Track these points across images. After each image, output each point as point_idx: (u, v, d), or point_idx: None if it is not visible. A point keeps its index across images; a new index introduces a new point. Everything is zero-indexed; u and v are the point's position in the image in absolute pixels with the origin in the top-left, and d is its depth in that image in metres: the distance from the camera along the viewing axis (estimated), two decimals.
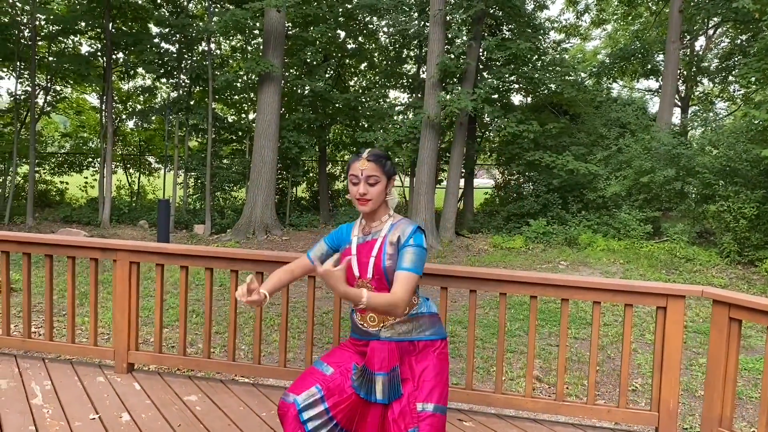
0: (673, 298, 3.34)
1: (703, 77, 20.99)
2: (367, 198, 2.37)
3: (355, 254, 2.42)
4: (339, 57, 19.22)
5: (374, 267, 2.36)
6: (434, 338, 2.44)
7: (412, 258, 2.30)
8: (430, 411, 2.32)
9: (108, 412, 3.48)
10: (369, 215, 2.46)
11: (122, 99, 18.50)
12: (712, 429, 3.26)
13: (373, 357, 2.38)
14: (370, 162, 2.37)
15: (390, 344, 2.38)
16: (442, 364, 2.44)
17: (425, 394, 2.34)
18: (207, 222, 15.30)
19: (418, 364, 2.40)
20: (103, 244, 4.10)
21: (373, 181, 2.36)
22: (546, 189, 15.98)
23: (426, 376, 2.38)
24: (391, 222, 2.43)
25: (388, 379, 2.35)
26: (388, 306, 2.21)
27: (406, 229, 2.38)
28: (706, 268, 11.75)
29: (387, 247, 2.36)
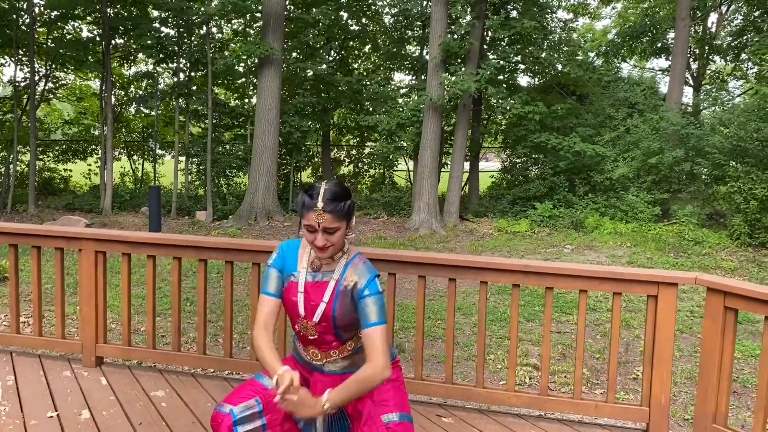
0: (664, 286, 3.11)
1: (714, 55, 20.46)
2: (327, 246, 2.16)
3: (302, 291, 2.24)
4: (342, 39, 18.92)
5: (323, 313, 2.21)
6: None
7: (375, 310, 2.15)
8: (397, 420, 2.18)
9: (68, 409, 3.31)
10: (328, 260, 2.27)
11: (123, 85, 18.32)
12: (705, 425, 3.05)
13: (316, 391, 2.25)
14: (326, 213, 2.11)
15: (334, 377, 2.28)
16: (399, 377, 2.36)
17: (388, 407, 2.21)
18: (209, 208, 15.16)
19: (376, 392, 2.26)
20: (67, 233, 3.92)
21: (332, 230, 2.14)
22: (552, 171, 15.66)
23: (383, 392, 2.25)
24: (345, 260, 2.25)
25: (331, 416, 2.22)
26: (374, 384, 2.10)
27: (362, 277, 2.20)
28: (715, 250, 11.46)
29: (340, 296, 2.21)
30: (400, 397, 2.26)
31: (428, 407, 3.51)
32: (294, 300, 2.25)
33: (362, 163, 19.88)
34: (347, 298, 2.21)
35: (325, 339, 2.26)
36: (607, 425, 3.41)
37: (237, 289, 7.91)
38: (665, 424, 3.18)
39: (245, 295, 7.62)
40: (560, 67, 15.55)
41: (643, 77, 20.78)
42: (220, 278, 8.31)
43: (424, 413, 3.41)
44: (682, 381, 5.25)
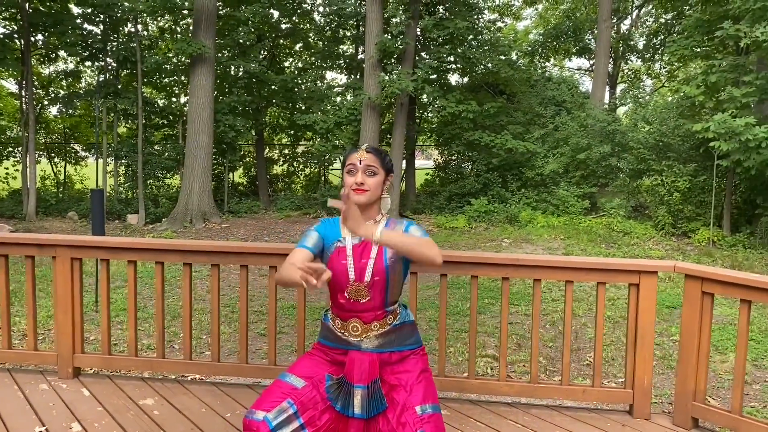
0: (645, 275, 3.31)
1: (631, 55, 21.57)
2: (365, 188, 2.23)
3: (351, 255, 2.26)
4: (273, 37, 18.71)
5: (375, 267, 2.24)
6: (415, 347, 2.37)
7: (419, 230, 2.28)
8: (430, 412, 2.22)
9: (56, 423, 3.19)
10: (363, 211, 2.27)
11: (43, 84, 17.42)
12: (686, 403, 3.27)
13: (353, 368, 2.24)
14: (369, 153, 2.26)
15: (371, 355, 2.27)
16: (428, 368, 2.39)
17: (421, 397, 2.23)
18: (141, 211, 14.67)
19: (403, 372, 2.30)
20: (40, 239, 3.76)
21: (371, 172, 2.25)
22: (486, 168, 16.09)
23: (418, 380, 2.28)
24: (384, 221, 2.31)
25: (368, 392, 2.22)
26: (428, 254, 2.12)
27: (401, 225, 2.30)
28: (642, 241, 12.09)
29: (388, 250, 2.25)
30: (431, 389, 2.31)
31: None
32: (344, 264, 2.26)
33: (297, 162, 19.71)
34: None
35: (373, 304, 2.26)
36: (594, 409, 3.59)
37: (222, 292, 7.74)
38: (648, 404, 3.39)
39: (234, 300, 7.46)
40: (490, 66, 15.97)
41: (563, 76, 21.63)
42: (182, 280, 8.10)
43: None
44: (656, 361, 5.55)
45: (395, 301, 2.35)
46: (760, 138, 9.39)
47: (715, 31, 10.90)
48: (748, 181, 11.70)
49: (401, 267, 2.30)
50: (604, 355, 5.78)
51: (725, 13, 10.83)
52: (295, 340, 5.30)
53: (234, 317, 6.69)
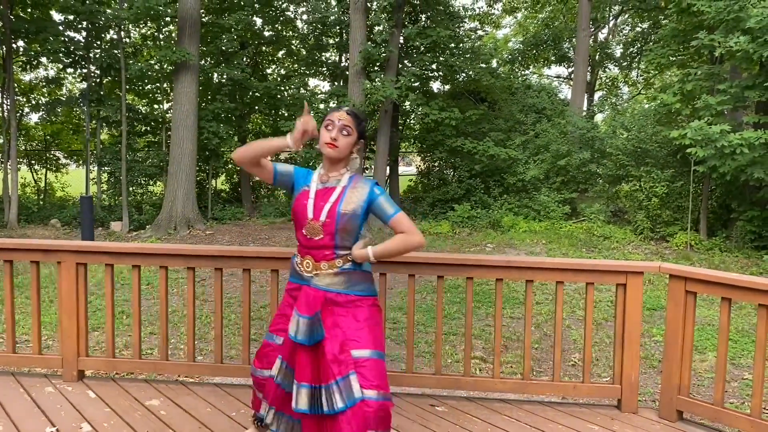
0: (632, 275, 3.49)
1: (608, 63, 21.99)
2: (336, 144, 2.54)
3: (313, 197, 2.59)
4: (256, 44, 18.80)
5: (329, 210, 2.54)
6: (364, 294, 2.63)
7: (389, 204, 2.59)
8: (367, 356, 2.49)
9: (65, 423, 3.27)
10: (331, 165, 2.62)
11: (23, 91, 17.31)
12: (671, 397, 3.44)
13: (301, 301, 2.58)
14: (348, 115, 2.57)
15: (318, 292, 2.56)
16: (375, 317, 2.63)
17: (362, 343, 2.51)
18: (124, 218, 14.64)
19: (348, 315, 2.56)
20: (45, 245, 3.83)
21: (346, 132, 2.55)
22: (468, 174, 16.31)
23: (360, 326, 2.55)
24: (348, 176, 2.63)
25: (310, 322, 2.51)
26: (413, 245, 2.56)
27: (366, 184, 2.61)
28: (622, 245, 12.37)
29: (347, 196, 2.56)
30: (374, 335, 2.54)
31: (420, 398, 3.72)
32: (304, 203, 2.58)
33: None
34: (354, 199, 2.56)
35: (325, 243, 2.55)
36: (584, 404, 3.75)
37: (225, 296, 7.81)
38: (635, 399, 3.56)
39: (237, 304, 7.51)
40: (472, 74, 16.21)
41: (541, 83, 22.00)
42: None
43: (418, 404, 3.62)
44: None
45: (347, 246, 2.59)
46: (734, 144, 9.69)
47: (691, 40, 11.23)
48: (723, 186, 12.04)
49: (355, 220, 2.57)
50: (595, 358, 5.96)
51: (700, 23, 11.15)
52: None
53: (234, 319, 6.77)
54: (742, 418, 3.22)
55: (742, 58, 10.11)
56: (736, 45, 9.79)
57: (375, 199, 2.58)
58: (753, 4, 9.82)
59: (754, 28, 9.61)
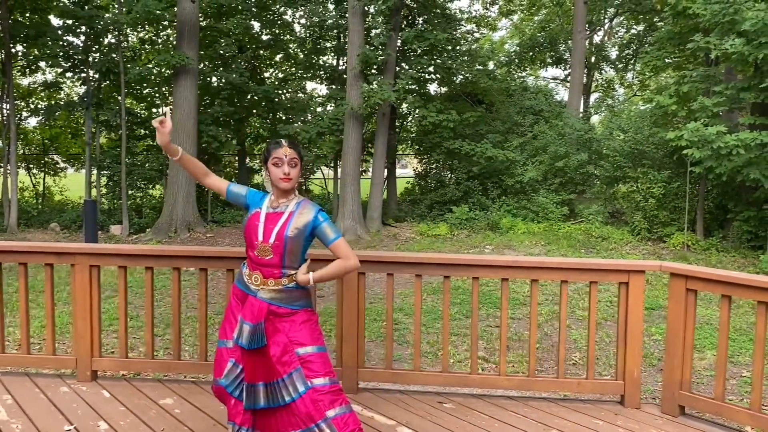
0: (634, 274, 3.58)
1: (604, 65, 22.14)
2: (290, 177, 2.77)
3: (263, 221, 2.80)
4: (253, 48, 18.88)
5: (277, 233, 2.76)
6: (302, 308, 2.86)
7: (331, 230, 2.83)
8: (310, 351, 2.78)
9: (83, 421, 3.34)
10: (282, 193, 2.84)
11: (22, 95, 17.35)
12: (673, 392, 3.53)
13: (247, 310, 2.80)
14: (291, 148, 2.81)
15: (263, 303, 2.78)
16: (312, 319, 2.89)
17: (304, 342, 2.79)
18: (124, 222, 14.69)
19: (287, 322, 2.80)
20: (57, 248, 3.91)
21: (294, 163, 2.79)
22: (466, 176, 16.39)
23: (299, 328, 2.81)
24: (296, 201, 2.86)
25: (253, 330, 2.75)
26: (349, 269, 2.83)
27: (311, 210, 2.83)
28: (620, 245, 12.47)
29: (293, 220, 2.77)
30: (312, 334, 2.82)
31: (428, 396, 3.81)
32: (256, 224, 2.80)
33: None
34: (299, 224, 2.77)
35: (274, 262, 2.77)
36: (587, 400, 3.84)
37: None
38: (638, 395, 3.65)
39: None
40: (470, 76, 16.31)
41: (537, 85, 22.14)
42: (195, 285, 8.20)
43: (426, 401, 3.71)
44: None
45: (293, 267, 2.81)
46: (730, 146, 9.80)
47: (687, 43, 11.35)
48: (719, 187, 12.16)
49: (301, 242, 2.80)
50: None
51: (695, 25, 11.26)
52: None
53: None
54: (742, 412, 3.32)
55: (737, 60, 10.22)
56: (732, 47, 9.90)
57: (318, 225, 2.81)
58: (748, 7, 9.94)
59: (749, 30, 9.73)
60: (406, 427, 3.36)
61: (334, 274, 2.85)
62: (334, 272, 2.84)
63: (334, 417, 2.69)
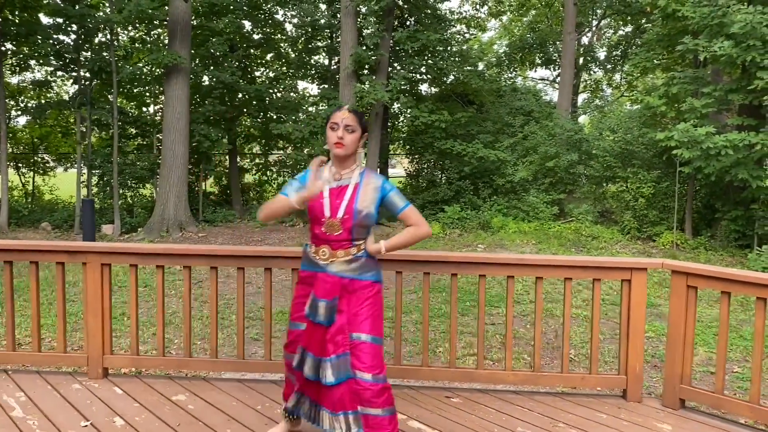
0: (636, 271, 3.68)
1: (593, 66, 22.36)
2: (343, 143, 2.73)
3: (327, 197, 2.77)
4: (244, 48, 18.88)
5: (346, 208, 2.74)
6: (372, 279, 2.84)
7: (399, 198, 2.82)
8: (362, 339, 2.74)
9: (98, 417, 3.39)
10: (340, 162, 2.81)
11: (13, 94, 17.24)
12: (674, 386, 3.64)
13: (318, 286, 2.78)
14: (350, 113, 2.77)
15: (334, 278, 2.77)
16: (377, 304, 2.85)
17: (357, 326, 2.76)
18: (116, 221, 14.65)
19: (354, 300, 2.78)
20: (69, 246, 3.95)
21: (350, 129, 2.75)
22: (458, 176, 16.51)
23: (360, 311, 2.77)
24: (359, 171, 2.84)
25: (329, 306, 2.74)
26: (422, 235, 2.83)
27: (377, 179, 2.82)
28: (610, 244, 12.63)
29: (361, 192, 2.76)
30: (373, 321, 2.78)
31: (435, 390, 3.89)
32: (321, 202, 2.77)
33: (271, 171, 19.83)
34: (368, 196, 2.76)
35: (343, 236, 2.76)
36: (590, 394, 3.94)
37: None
38: (640, 389, 3.76)
39: (258, 302, 7.62)
40: (461, 77, 16.43)
41: (527, 86, 22.32)
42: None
43: (434, 395, 3.80)
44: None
45: (362, 238, 2.81)
46: (719, 146, 9.98)
47: (676, 44, 11.53)
48: (708, 186, 12.36)
49: (371, 214, 2.77)
50: (588, 352, 6.16)
51: (685, 27, 11.44)
52: None
53: (251, 316, 6.89)
54: (741, 405, 3.43)
55: (725, 63, 10.41)
56: (720, 50, 10.08)
57: (387, 194, 2.79)
58: (737, 10, 10.12)
59: (738, 33, 9.91)
60: (417, 420, 3.44)
61: (406, 241, 2.83)
62: (406, 239, 2.83)
63: (367, 415, 2.69)
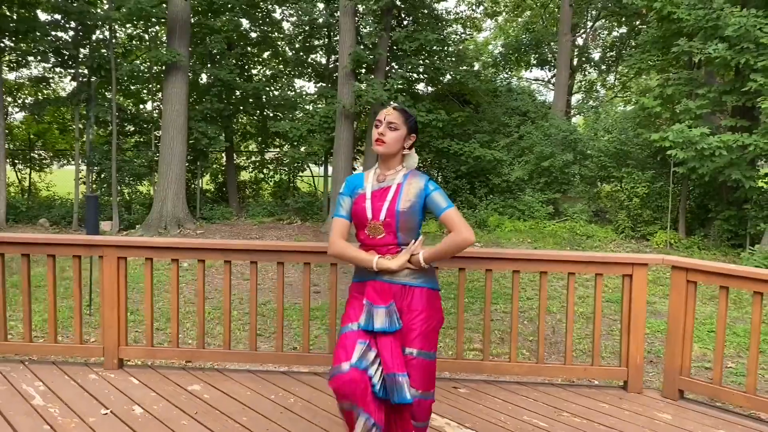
0: (637, 267, 3.81)
1: (587, 67, 22.55)
2: (384, 140, 2.60)
3: (370, 198, 2.65)
4: (242, 46, 18.95)
5: (387, 209, 2.60)
6: (426, 286, 2.66)
7: (442, 199, 2.62)
8: (416, 354, 2.57)
9: (117, 406, 3.49)
10: (384, 163, 2.69)
11: (9, 90, 17.25)
12: (673, 378, 3.78)
13: (372, 293, 2.61)
14: (395, 111, 2.64)
15: (384, 284, 2.61)
16: (432, 313, 2.66)
17: (411, 340, 2.58)
18: (115, 218, 14.71)
19: (409, 308, 2.61)
20: (85, 240, 4.05)
21: (393, 126, 2.61)
22: (454, 175, 16.66)
23: (415, 322, 2.60)
24: (403, 173, 2.68)
25: (387, 312, 2.55)
26: (462, 245, 2.58)
27: (420, 180, 2.65)
28: (604, 243, 12.80)
29: (403, 193, 2.61)
30: (425, 331, 2.61)
31: (442, 381, 4.01)
32: (363, 206, 2.65)
33: (267, 169, 19.90)
34: (410, 196, 2.61)
35: (388, 240, 2.62)
36: (592, 385, 4.07)
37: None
38: (640, 380, 3.89)
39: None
40: (458, 77, 16.56)
41: (522, 86, 22.48)
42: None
43: (441, 386, 3.91)
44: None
45: (407, 242, 2.64)
46: (713, 147, 10.16)
47: (670, 46, 11.70)
48: (701, 187, 12.55)
49: (414, 215, 2.63)
50: (584, 347, 6.31)
51: (679, 30, 11.62)
52: (325, 330, 5.69)
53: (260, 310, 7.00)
54: (738, 395, 3.57)
55: (720, 65, 10.60)
56: (715, 52, 10.26)
57: (429, 194, 2.63)
58: (731, 13, 10.29)
59: (732, 36, 10.08)
60: None
61: (444, 251, 2.61)
62: (444, 249, 2.61)
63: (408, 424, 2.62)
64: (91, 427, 3.24)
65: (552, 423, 3.43)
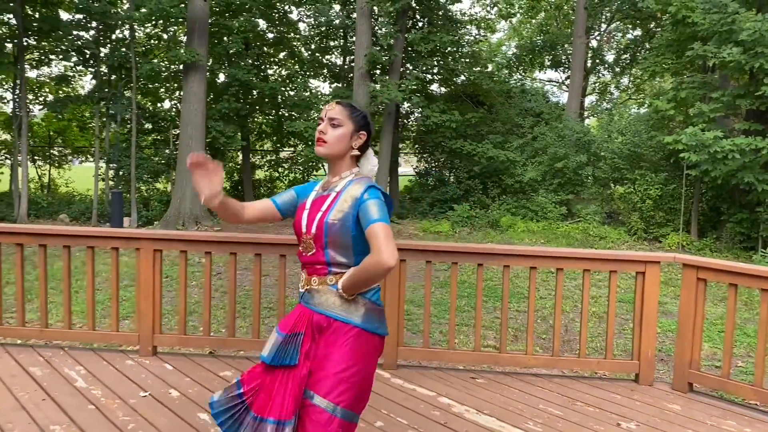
0: (650, 264, 3.98)
1: (602, 69, 22.64)
2: (324, 139, 2.19)
3: (308, 209, 2.23)
4: (258, 46, 19.21)
5: (318, 221, 2.15)
6: (360, 326, 2.14)
7: (375, 210, 2.06)
8: (313, 402, 2.07)
9: (155, 389, 3.70)
10: (332, 168, 2.26)
11: (33, 89, 17.60)
12: (683, 371, 3.94)
13: (288, 318, 2.23)
14: (338, 105, 2.23)
15: (307, 311, 2.19)
16: (356, 361, 2.11)
17: (315, 382, 2.10)
18: (133, 214, 14.98)
19: (332, 346, 2.12)
20: (122, 233, 4.26)
21: (336, 123, 2.19)
22: (467, 175, 16.83)
23: (327, 363, 2.10)
24: (349, 179, 2.21)
25: (284, 341, 2.15)
26: (376, 272, 2.00)
27: (361, 186, 2.15)
28: (617, 245, 12.92)
29: (338, 202, 2.15)
30: (346, 384, 2.07)
31: (461, 372, 4.20)
32: (300, 217, 2.24)
33: (282, 168, 20.15)
34: (344, 206, 2.13)
35: (316, 258, 2.17)
36: (605, 378, 4.24)
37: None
38: (652, 373, 4.05)
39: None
40: (472, 77, 16.74)
41: (535, 87, 22.60)
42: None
43: (460, 377, 4.10)
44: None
45: (342, 263, 2.15)
46: (726, 150, 10.27)
47: (685, 50, 11.81)
48: (713, 189, 12.64)
49: (346, 229, 2.12)
50: (597, 345, 6.47)
51: (694, 34, 11.71)
52: None
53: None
54: (746, 388, 3.73)
55: (734, 69, 10.69)
56: (729, 56, 10.36)
57: (363, 203, 2.09)
58: (746, 17, 10.39)
59: (747, 40, 10.19)
60: (446, 397, 3.74)
61: (357, 276, 2.07)
62: (357, 274, 2.07)
63: None
64: (132, 408, 3.45)
65: (566, 411, 3.61)
